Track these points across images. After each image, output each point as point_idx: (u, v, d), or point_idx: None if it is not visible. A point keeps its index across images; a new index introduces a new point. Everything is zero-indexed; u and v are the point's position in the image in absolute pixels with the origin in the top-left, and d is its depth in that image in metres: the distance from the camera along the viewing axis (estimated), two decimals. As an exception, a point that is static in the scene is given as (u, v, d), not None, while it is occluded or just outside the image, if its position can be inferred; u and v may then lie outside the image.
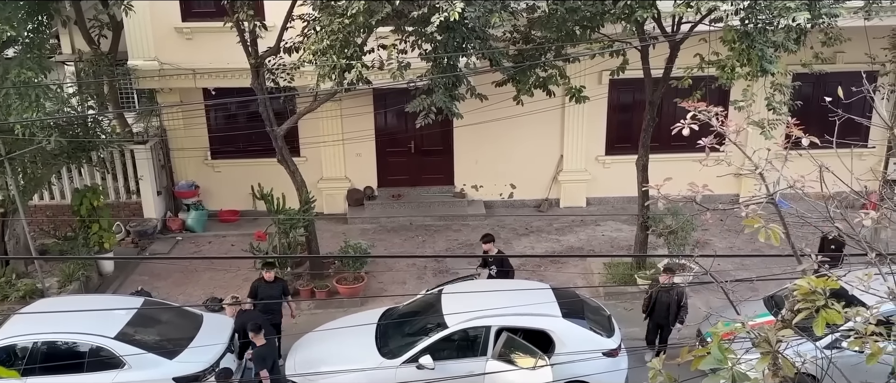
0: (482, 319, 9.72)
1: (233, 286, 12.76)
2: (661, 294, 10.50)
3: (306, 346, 10.50)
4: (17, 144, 11.95)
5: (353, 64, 10.34)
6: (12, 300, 12.43)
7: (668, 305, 10.48)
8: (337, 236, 14.72)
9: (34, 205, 15.37)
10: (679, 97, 11.78)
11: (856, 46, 13.02)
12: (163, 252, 15.17)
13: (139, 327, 10.19)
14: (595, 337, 9.92)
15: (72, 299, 11.99)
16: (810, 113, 10.74)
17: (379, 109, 16.10)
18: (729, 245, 14.51)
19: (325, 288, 13.15)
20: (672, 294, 10.45)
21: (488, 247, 11.97)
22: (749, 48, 9.87)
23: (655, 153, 13.20)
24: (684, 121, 3.87)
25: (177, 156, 16.33)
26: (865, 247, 3.61)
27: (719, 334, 3.23)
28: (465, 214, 16.27)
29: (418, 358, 9.67)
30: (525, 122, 14.65)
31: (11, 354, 9.74)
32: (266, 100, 12.46)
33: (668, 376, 3.51)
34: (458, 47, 10.07)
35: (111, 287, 13.72)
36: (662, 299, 10.54)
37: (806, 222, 4.05)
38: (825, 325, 3.05)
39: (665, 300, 10.51)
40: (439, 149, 16.55)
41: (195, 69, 14.46)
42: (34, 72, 11.37)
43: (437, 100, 10.38)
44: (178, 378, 9.65)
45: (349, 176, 16.60)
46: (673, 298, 10.46)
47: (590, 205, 16.79)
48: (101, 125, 14.61)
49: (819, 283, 3.07)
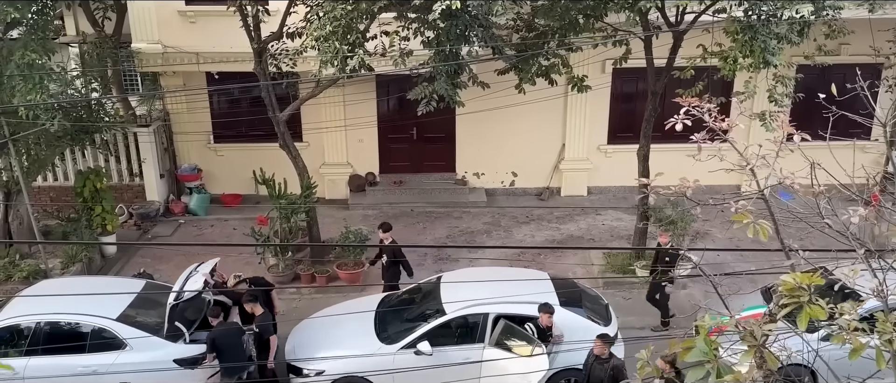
0: (480, 306, 9.80)
1: (234, 270, 12.81)
2: (595, 365, 8.98)
3: (305, 331, 10.59)
4: (21, 126, 12.02)
5: (355, 50, 10.36)
6: (16, 280, 12.54)
7: (602, 380, 8.90)
8: (338, 222, 14.79)
9: (38, 187, 15.46)
10: (682, 87, 11.82)
11: (860, 39, 12.99)
12: (165, 234, 15.25)
13: (141, 309, 10.28)
14: (592, 326, 9.99)
15: (74, 281, 12.09)
16: (813, 105, 10.74)
17: (381, 96, 16.11)
18: (729, 236, 14.55)
19: (326, 273, 13.23)
20: (607, 367, 8.88)
21: (385, 236, 11.73)
22: (752, 40, 9.86)
23: (657, 143, 13.21)
24: (678, 116, 3.91)
25: (179, 140, 16.38)
26: (853, 244, 3.65)
27: (706, 327, 3.29)
28: (466, 202, 16.32)
29: (416, 344, 9.75)
30: (527, 111, 14.66)
31: (15, 334, 9.86)
32: (269, 85, 12.49)
33: (655, 368, 3.57)
34: (460, 35, 10.08)
35: (113, 269, 13.82)
36: (596, 372, 8.97)
37: (797, 217, 4.09)
38: (809, 320, 3.10)
39: (599, 374, 8.92)
40: (441, 136, 16.56)
41: (198, 53, 14.48)
42: (38, 54, 11.40)
43: (439, 87, 10.40)
44: (180, 360, 9.75)
45: (351, 162, 16.65)
46: (607, 372, 8.85)
47: (591, 193, 16.82)
48: (104, 107, 14.66)
49: (804, 279, 3.11)
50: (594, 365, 8.99)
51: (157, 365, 9.58)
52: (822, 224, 3.74)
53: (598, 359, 8.95)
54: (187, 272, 10.40)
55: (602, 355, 8.92)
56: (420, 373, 9.47)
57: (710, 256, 11.84)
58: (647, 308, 11.82)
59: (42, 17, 12.31)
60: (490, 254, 13.58)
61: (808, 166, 3.94)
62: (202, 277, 10.09)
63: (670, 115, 4.19)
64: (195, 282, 10.03)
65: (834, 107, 3.98)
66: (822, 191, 3.70)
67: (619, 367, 8.87)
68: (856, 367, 4.07)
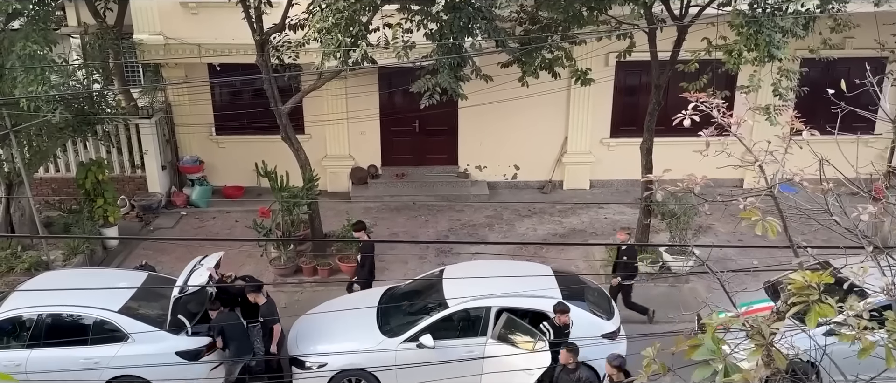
0: (483, 300, 9.78)
1: (236, 262, 12.83)
2: (562, 376, 8.70)
3: (307, 324, 10.58)
4: (23, 117, 11.99)
5: (358, 43, 10.31)
6: (18, 272, 12.54)
7: None
8: (340, 214, 14.77)
9: (39, 178, 15.45)
10: (685, 81, 11.79)
11: (865, 33, 12.91)
12: (167, 226, 15.24)
13: (143, 301, 10.28)
14: (595, 320, 9.98)
15: (76, 273, 12.08)
16: (817, 100, 10.69)
17: (383, 88, 16.07)
18: (731, 230, 14.51)
19: (328, 266, 13.22)
20: (573, 377, 8.60)
21: (359, 234, 11.82)
22: (757, 33, 9.80)
23: (660, 136, 13.17)
24: (686, 111, 3.86)
25: (181, 132, 16.35)
26: (862, 241, 3.61)
27: (714, 325, 3.26)
28: (468, 195, 16.29)
29: (419, 337, 9.74)
30: (530, 104, 14.61)
31: (16, 326, 9.86)
32: (271, 77, 12.45)
33: (661, 365, 3.54)
34: (463, 27, 10.03)
35: (115, 261, 13.82)
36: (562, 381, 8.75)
37: (803, 214, 4.05)
38: (818, 319, 3.06)
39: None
40: (443, 129, 16.52)
41: (200, 44, 14.43)
42: (39, 44, 11.35)
43: (442, 80, 10.36)
44: (181, 352, 9.74)
45: (353, 154, 16.61)
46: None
47: (593, 187, 16.78)
48: (106, 99, 14.62)
49: (813, 277, 3.08)
50: (561, 375, 8.57)
51: (159, 357, 9.58)
52: (830, 220, 3.71)
53: (564, 369, 8.53)
54: (191, 265, 10.39)
55: (568, 364, 8.51)
56: (422, 367, 9.45)
57: (714, 252, 11.80)
58: (650, 301, 11.79)
59: (43, 8, 12.26)
60: (492, 248, 13.56)
61: (814, 161, 3.91)
62: (207, 271, 10.08)
63: (674, 109, 4.15)
64: (200, 275, 10.02)
65: (843, 102, 3.93)
66: (832, 187, 3.66)
67: (587, 380, 8.52)
68: (858, 363, 4.05)
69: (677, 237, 12.83)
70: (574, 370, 8.57)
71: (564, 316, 9.34)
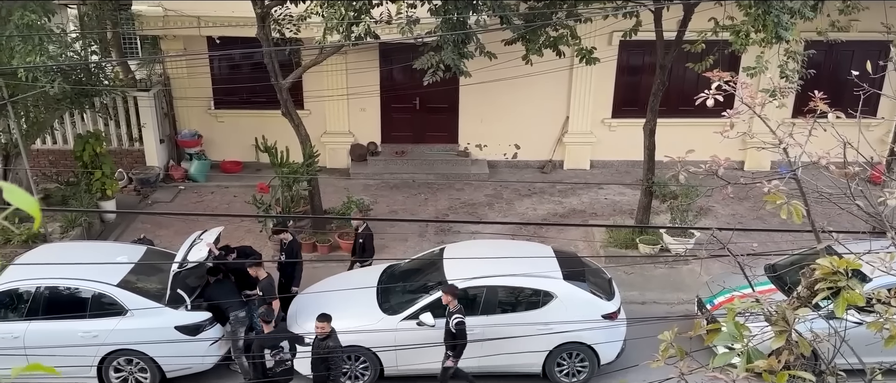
0: (483, 279, 9.74)
1: (235, 237, 12.75)
2: (317, 343, 8.99)
3: (307, 301, 10.54)
4: (20, 88, 11.84)
5: (361, 17, 10.16)
6: (15, 243, 12.45)
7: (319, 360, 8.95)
8: (339, 191, 14.69)
9: (37, 150, 15.32)
10: (690, 61, 11.68)
11: (871, 15, 12.82)
12: (165, 200, 15.15)
13: (142, 275, 10.22)
14: (595, 300, 9.97)
15: (74, 245, 12.01)
16: (821, 82, 10.62)
17: (385, 65, 15.91)
18: (731, 212, 14.50)
19: (327, 242, 13.16)
20: (324, 345, 8.88)
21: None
22: (765, 14, 9.68)
23: (663, 117, 13.07)
24: (708, 91, 3.78)
25: (180, 105, 16.20)
26: (886, 227, 3.56)
27: (734, 310, 3.21)
28: (468, 173, 16.21)
29: (419, 316, 9.72)
30: (532, 82, 14.48)
31: (14, 298, 9.81)
32: (271, 51, 12.29)
33: (679, 349, 3.50)
34: (468, 3, 9.89)
35: (113, 234, 13.74)
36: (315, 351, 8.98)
37: (824, 198, 3.99)
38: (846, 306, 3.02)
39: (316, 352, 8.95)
40: (444, 106, 16.40)
41: (199, 17, 14.23)
42: (37, 14, 11.19)
43: (446, 57, 10.23)
44: (180, 326, 9.71)
45: (353, 131, 16.50)
46: (323, 350, 8.90)
47: (594, 167, 16.72)
48: (104, 71, 14.45)
49: (841, 264, 3.03)
50: (314, 342, 8.95)
51: (158, 331, 9.55)
52: (850, 205, 3.65)
53: (317, 338, 8.91)
54: (191, 239, 10.32)
55: (321, 334, 8.86)
56: (422, 344, 9.44)
57: (710, 233, 11.78)
58: (650, 282, 11.80)
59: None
60: (492, 227, 13.52)
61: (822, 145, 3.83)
62: (206, 246, 10.02)
63: (677, 89, 4.07)
64: (200, 250, 9.96)
65: (866, 85, 3.85)
66: (858, 172, 3.60)
67: (333, 349, 8.82)
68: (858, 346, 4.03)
69: (678, 219, 12.80)
70: (325, 338, 8.86)
71: (447, 296, 9.17)
